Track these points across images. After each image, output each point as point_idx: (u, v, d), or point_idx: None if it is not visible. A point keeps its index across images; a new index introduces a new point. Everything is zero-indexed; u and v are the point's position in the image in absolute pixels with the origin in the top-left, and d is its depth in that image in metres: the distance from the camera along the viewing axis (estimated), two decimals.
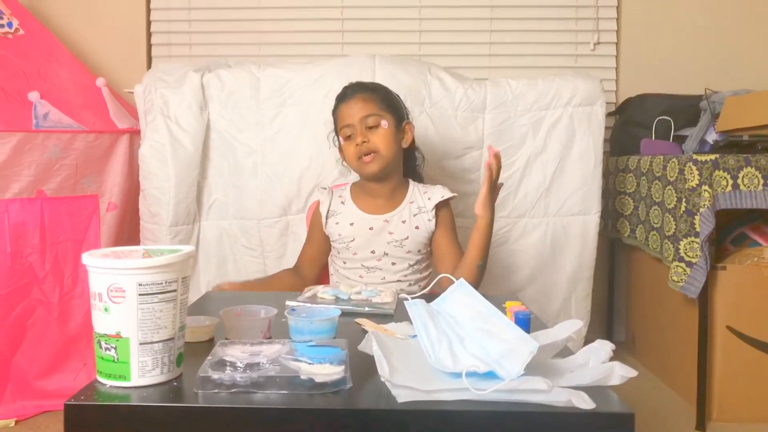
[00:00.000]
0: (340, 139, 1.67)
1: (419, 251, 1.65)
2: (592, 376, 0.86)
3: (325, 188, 1.75)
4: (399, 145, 1.67)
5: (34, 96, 2.14)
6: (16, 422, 2.06)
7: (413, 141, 1.75)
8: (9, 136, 2.03)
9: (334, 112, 1.71)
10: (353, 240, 1.63)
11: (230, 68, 2.27)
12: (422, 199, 1.67)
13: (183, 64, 2.35)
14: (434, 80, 2.24)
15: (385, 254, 1.62)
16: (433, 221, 1.66)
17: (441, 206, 1.67)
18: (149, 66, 2.88)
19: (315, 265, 1.75)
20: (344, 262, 1.66)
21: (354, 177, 1.82)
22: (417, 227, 1.62)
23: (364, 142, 1.59)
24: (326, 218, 1.67)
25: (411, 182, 1.75)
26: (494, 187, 1.49)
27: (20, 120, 2.08)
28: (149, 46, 2.92)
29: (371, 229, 1.63)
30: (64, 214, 2.16)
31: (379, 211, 1.66)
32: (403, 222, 1.63)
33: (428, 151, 2.16)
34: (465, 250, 1.59)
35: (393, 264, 1.65)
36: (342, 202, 1.68)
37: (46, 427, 2.03)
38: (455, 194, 1.70)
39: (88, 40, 2.85)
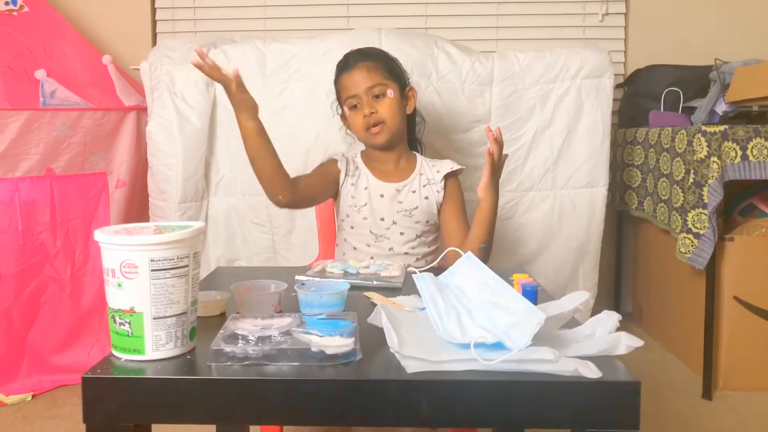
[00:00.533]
0: (345, 108, 1.66)
1: (427, 221, 1.66)
2: (599, 346, 0.87)
3: (338, 153, 1.74)
4: (404, 113, 1.68)
5: (41, 74, 2.14)
6: (33, 396, 2.10)
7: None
8: (17, 115, 2.04)
9: (337, 81, 1.70)
10: (365, 204, 1.64)
11: (235, 44, 2.26)
12: (431, 172, 1.68)
13: (188, 40, 2.35)
14: (441, 53, 2.23)
15: (394, 223, 1.63)
16: (442, 193, 1.67)
17: (449, 178, 1.68)
18: (154, 43, 2.87)
19: (307, 190, 1.62)
20: (352, 227, 1.67)
21: (358, 146, 1.83)
22: (426, 197, 1.64)
23: (372, 113, 1.59)
24: (344, 176, 1.66)
25: (418, 155, 1.75)
26: (497, 170, 1.48)
27: (27, 98, 2.09)
28: (154, 23, 2.90)
29: (382, 196, 1.64)
30: (73, 191, 2.17)
31: (389, 179, 1.67)
32: (413, 192, 1.64)
33: (435, 125, 2.15)
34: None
35: (401, 234, 1.66)
36: (356, 167, 1.69)
37: (63, 400, 2.07)
38: (463, 167, 1.71)
39: (93, 18, 2.84)
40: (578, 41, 2.68)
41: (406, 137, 1.74)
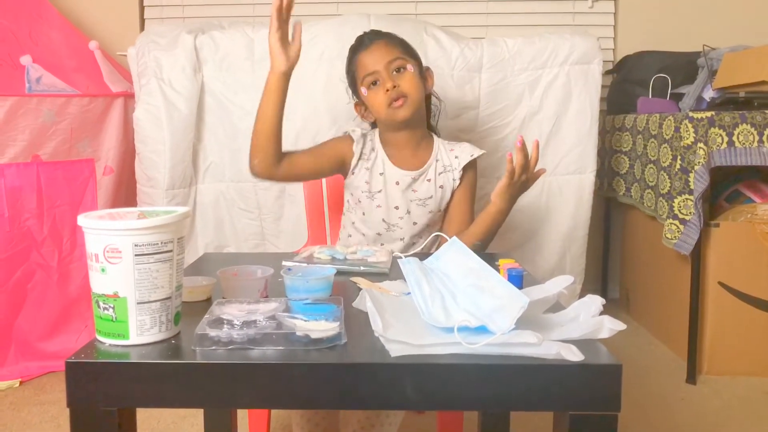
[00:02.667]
0: (363, 89, 1.56)
1: (440, 210, 1.63)
2: (582, 329, 0.88)
3: (356, 130, 1.62)
4: (424, 90, 1.59)
5: (26, 60, 2.11)
6: (21, 383, 2.09)
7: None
8: (2, 101, 2.02)
9: (352, 62, 1.60)
10: (380, 191, 1.58)
11: (224, 29, 2.24)
12: (448, 157, 1.60)
13: (176, 26, 2.32)
14: (430, 39, 2.22)
15: (408, 212, 1.59)
16: (458, 182, 1.61)
17: (468, 167, 1.61)
18: (142, 28, 2.84)
19: (290, 168, 1.56)
20: (363, 214, 1.61)
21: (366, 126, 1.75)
22: (441, 186, 1.58)
23: (395, 86, 1.50)
24: (358, 159, 1.58)
25: (435, 138, 1.68)
26: (517, 180, 1.40)
27: (13, 84, 2.07)
28: (142, 8, 2.87)
29: (398, 183, 1.58)
30: (60, 178, 2.16)
31: (406, 166, 1.60)
32: (429, 181, 1.58)
33: None
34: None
35: (414, 224, 1.61)
36: (372, 149, 1.61)
37: (51, 386, 2.07)
38: (483, 151, 1.63)
39: (80, 2, 2.80)
40: (567, 27, 2.68)
41: (426, 120, 1.67)
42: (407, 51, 1.59)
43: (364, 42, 1.58)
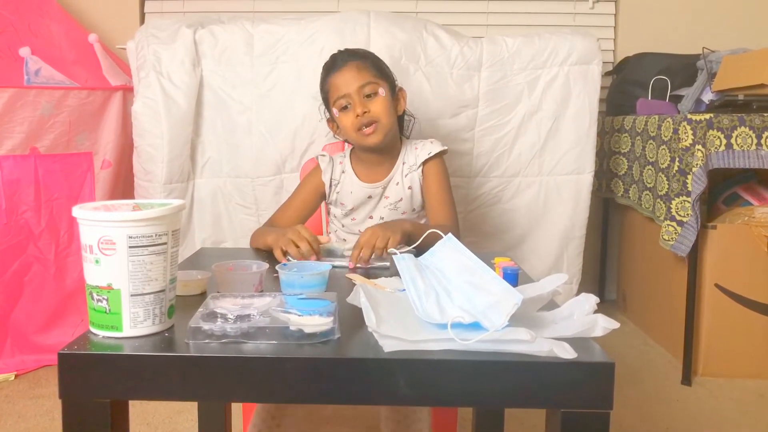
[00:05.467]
0: (334, 110, 1.57)
1: (413, 209, 1.63)
2: (576, 327, 0.88)
3: (325, 155, 1.66)
4: (395, 113, 1.60)
5: (25, 51, 2.11)
6: (16, 376, 2.09)
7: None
8: (0, 92, 2.01)
9: (324, 82, 1.60)
10: (352, 208, 1.62)
11: (223, 24, 2.24)
12: (413, 156, 1.62)
13: (176, 20, 2.32)
14: (430, 37, 2.22)
15: (381, 218, 1.60)
16: (422, 177, 1.60)
17: (427, 162, 1.60)
18: (142, 22, 2.84)
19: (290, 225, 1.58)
20: (343, 226, 1.66)
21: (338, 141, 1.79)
22: (410, 187, 1.60)
23: (365, 112, 1.50)
24: (329, 187, 1.62)
25: (403, 139, 1.69)
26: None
27: (11, 76, 2.06)
28: (142, 2, 2.87)
29: (369, 197, 1.60)
30: (58, 171, 2.15)
31: (376, 179, 1.61)
32: (397, 184, 1.59)
33: (423, 109, 2.15)
34: (455, 209, 1.58)
35: None
36: (343, 171, 1.63)
37: (46, 380, 2.07)
38: (445, 147, 1.63)
39: None
40: (568, 28, 2.68)
41: (398, 137, 1.67)
42: (380, 73, 1.57)
43: (336, 63, 1.57)
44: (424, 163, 1.58)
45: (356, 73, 1.53)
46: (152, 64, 2.13)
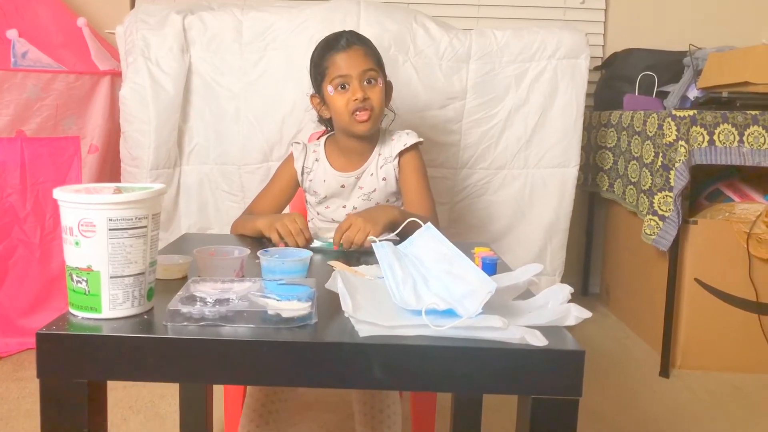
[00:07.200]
0: (329, 88, 1.54)
1: (387, 201, 1.63)
2: (549, 316, 0.89)
3: (299, 143, 1.66)
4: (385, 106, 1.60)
5: (12, 34, 2.10)
6: (0, 358, 2.09)
7: None
8: None
9: (324, 58, 1.56)
10: (325, 197, 1.62)
11: (213, 11, 2.23)
12: (389, 148, 1.61)
13: (165, 5, 2.30)
14: (420, 28, 2.22)
15: (354, 208, 1.60)
16: (398, 169, 1.60)
17: (403, 153, 1.60)
18: (132, 6, 2.82)
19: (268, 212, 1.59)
20: (318, 213, 1.66)
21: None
22: (384, 179, 1.59)
23: (366, 98, 1.50)
24: (302, 174, 1.62)
25: (380, 129, 1.67)
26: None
27: None
28: None
29: (343, 186, 1.60)
30: (45, 155, 2.15)
31: (350, 168, 1.60)
32: (371, 175, 1.59)
33: (411, 100, 2.16)
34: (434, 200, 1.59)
35: None
36: (316, 159, 1.63)
37: (30, 363, 2.07)
38: (421, 140, 1.60)
39: None
40: (557, 22, 2.69)
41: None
42: (379, 64, 1.58)
43: (341, 42, 1.54)
44: (400, 154, 1.58)
45: (363, 57, 1.52)
46: (141, 49, 2.12)
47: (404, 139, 1.60)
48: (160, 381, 0.86)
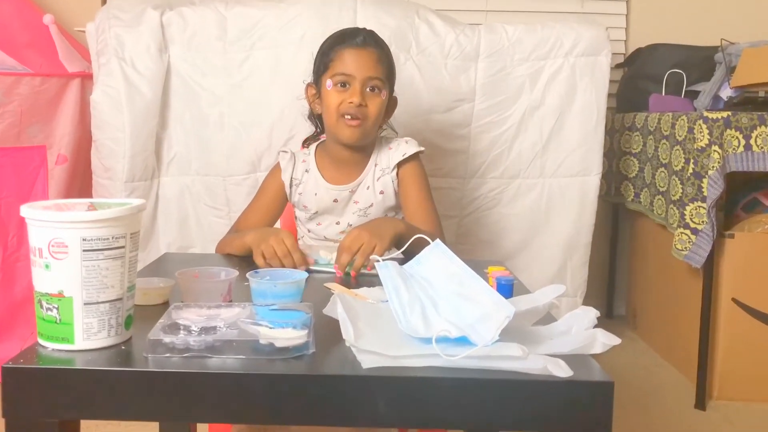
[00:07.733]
0: (328, 81, 1.56)
1: (386, 215, 1.64)
2: (573, 343, 0.89)
3: (287, 151, 1.66)
4: (382, 120, 1.62)
5: None
6: None
7: None
8: None
9: (333, 49, 1.57)
10: (316, 212, 1.62)
11: (194, 6, 2.25)
12: (386, 158, 1.61)
13: (141, 0, 2.32)
14: (422, 24, 2.24)
15: (349, 225, 1.61)
16: (397, 181, 1.61)
17: (402, 165, 1.61)
18: (104, 2, 2.83)
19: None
20: (309, 230, 1.66)
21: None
22: (382, 192, 1.60)
23: (362, 105, 1.51)
24: (290, 187, 1.63)
25: (377, 138, 1.67)
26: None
27: None
28: None
29: (336, 201, 1.60)
30: (7, 166, 2.15)
31: (344, 181, 1.61)
32: (368, 188, 1.59)
33: (414, 103, 2.17)
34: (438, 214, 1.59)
35: None
36: (306, 170, 1.63)
37: None
38: (422, 149, 1.61)
39: None
40: (574, 15, 2.71)
41: (373, 141, 1.66)
42: (390, 75, 1.59)
43: (356, 38, 1.56)
44: (399, 165, 1.59)
45: (374, 63, 1.54)
46: (114, 48, 2.14)
47: (403, 148, 1.60)
48: (140, 419, 0.85)
